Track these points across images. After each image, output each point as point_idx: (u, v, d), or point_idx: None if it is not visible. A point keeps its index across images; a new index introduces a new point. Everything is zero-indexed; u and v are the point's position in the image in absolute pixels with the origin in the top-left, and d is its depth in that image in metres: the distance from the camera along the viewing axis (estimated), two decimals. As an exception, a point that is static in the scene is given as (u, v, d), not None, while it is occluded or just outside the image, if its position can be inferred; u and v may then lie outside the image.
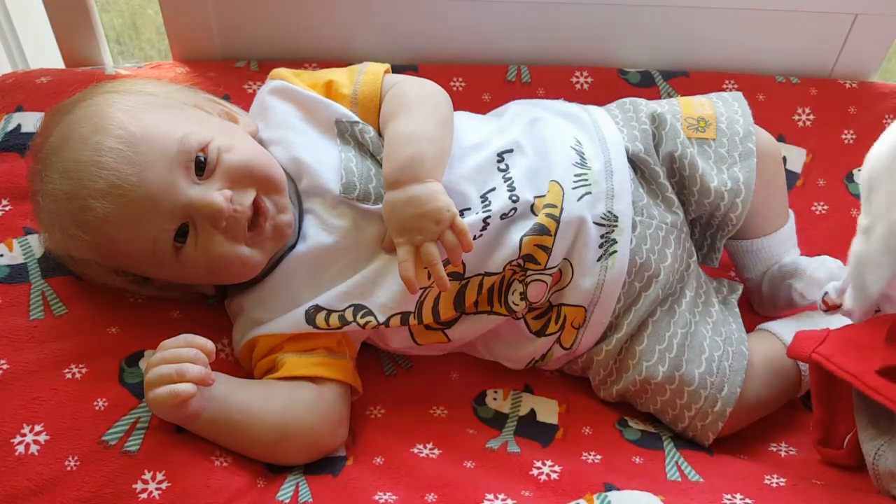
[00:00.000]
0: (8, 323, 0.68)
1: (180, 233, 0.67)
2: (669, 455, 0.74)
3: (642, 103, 0.83)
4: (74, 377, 0.67)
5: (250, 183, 0.69)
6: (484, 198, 0.73)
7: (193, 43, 0.96)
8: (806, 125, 0.98)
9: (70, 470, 0.61)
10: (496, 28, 0.97)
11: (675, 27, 0.98)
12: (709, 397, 0.74)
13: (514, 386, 0.81)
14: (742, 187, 0.77)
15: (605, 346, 0.76)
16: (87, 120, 0.67)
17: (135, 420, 0.65)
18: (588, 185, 0.74)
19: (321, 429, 0.71)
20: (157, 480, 0.62)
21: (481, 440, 0.75)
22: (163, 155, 0.65)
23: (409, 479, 0.69)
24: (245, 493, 0.65)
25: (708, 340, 0.75)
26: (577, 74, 0.98)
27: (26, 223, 0.75)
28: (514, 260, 0.72)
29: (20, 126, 0.82)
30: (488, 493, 0.67)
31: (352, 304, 0.72)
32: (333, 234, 0.72)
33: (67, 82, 0.85)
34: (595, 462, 0.73)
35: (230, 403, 0.66)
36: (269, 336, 0.72)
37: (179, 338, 0.64)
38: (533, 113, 0.81)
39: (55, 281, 0.72)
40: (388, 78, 0.78)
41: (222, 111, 0.76)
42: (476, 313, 0.75)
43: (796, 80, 0.99)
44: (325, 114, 0.76)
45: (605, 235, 0.74)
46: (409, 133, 0.71)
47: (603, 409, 0.79)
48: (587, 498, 0.65)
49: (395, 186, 0.69)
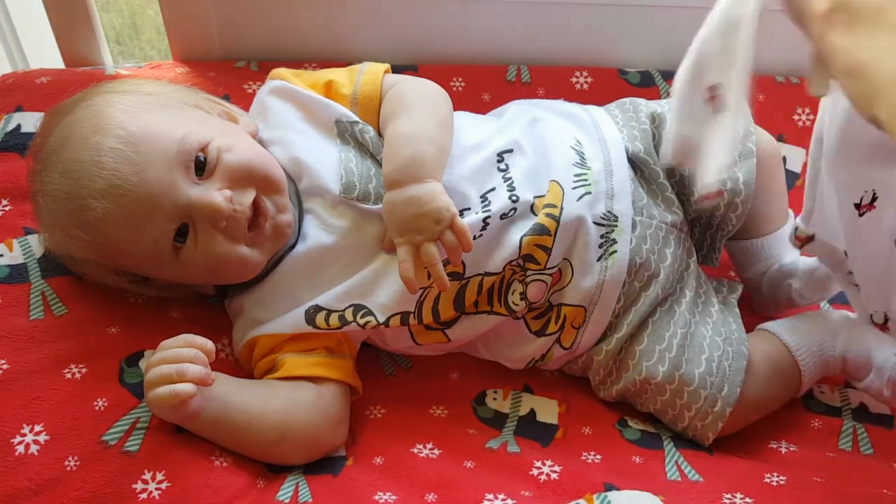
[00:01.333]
0: (8, 323, 0.68)
1: (180, 233, 0.67)
2: (669, 455, 0.74)
3: (642, 103, 0.83)
4: (74, 377, 0.67)
5: (250, 183, 0.69)
6: (484, 198, 0.73)
7: (193, 43, 0.96)
8: (806, 125, 0.98)
9: (70, 470, 0.61)
10: (496, 28, 0.97)
11: (675, 27, 0.98)
12: (709, 397, 0.74)
13: (514, 386, 0.81)
14: (742, 187, 0.77)
15: (605, 346, 0.76)
16: (86, 120, 0.67)
17: (135, 420, 0.65)
18: (588, 185, 0.74)
19: (321, 429, 0.71)
20: (157, 480, 0.62)
21: (481, 440, 0.75)
22: (163, 155, 0.65)
23: (409, 479, 0.69)
24: (245, 493, 0.65)
25: (708, 340, 0.75)
26: (577, 74, 0.98)
27: (26, 223, 0.75)
28: (514, 260, 0.72)
29: (20, 126, 0.82)
30: (488, 493, 0.67)
31: (352, 304, 0.72)
32: (333, 234, 0.72)
33: (67, 82, 0.85)
34: (595, 462, 0.73)
35: (230, 403, 0.66)
36: (269, 336, 0.72)
37: (179, 338, 0.64)
38: (533, 113, 0.81)
39: (55, 281, 0.72)
40: (388, 78, 0.78)
41: (222, 111, 0.76)
42: (476, 313, 0.75)
43: (796, 80, 0.99)
44: (324, 114, 0.76)
45: (605, 235, 0.74)
46: (409, 133, 0.72)
47: (603, 409, 0.79)
48: (587, 498, 0.65)
49: (394, 186, 0.69)
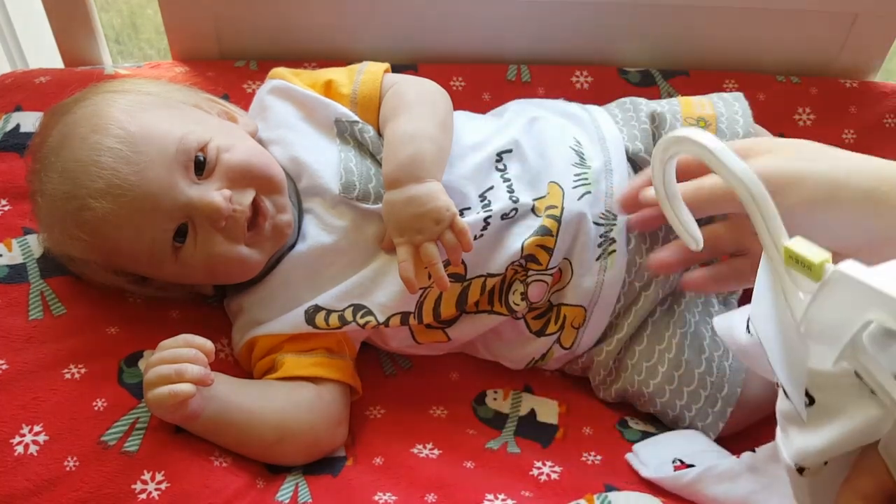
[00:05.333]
0: (7, 323, 0.68)
1: (179, 233, 0.67)
2: (670, 455, 0.74)
3: (642, 103, 0.82)
4: (73, 377, 0.67)
5: (249, 183, 0.69)
6: (483, 197, 0.73)
7: (192, 42, 0.96)
8: (806, 125, 0.98)
9: (69, 470, 0.61)
10: (496, 27, 0.97)
11: (675, 27, 0.98)
12: (709, 397, 0.73)
13: (514, 386, 0.81)
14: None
15: (605, 347, 0.76)
16: (86, 119, 0.67)
17: (134, 420, 0.65)
18: (588, 185, 0.74)
19: (320, 429, 0.70)
20: (157, 481, 0.62)
21: (481, 440, 0.75)
22: (162, 154, 0.65)
23: (409, 479, 0.69)
24: (244, 494, 0.65)
25: (708, 340, 0.75)
26: (577, 74, 0.98)
27: (25, 223, 0.75)
28: (516, 260, 0.72)
29: (19, 126, 0.82)
30: (488, 494, 0.67)
31: (351, 304, 0.71)
32: (333, 233, 0.72)
33: (66, 82, 0.85)
34: (595, 463, 0.73)
35: (229, 403, 0.66)
36: (269, 336, 0.72)
37: (179, 338, 0.64)
38: (532, 112, 0.81)
39: (54, 281, 0.72)
40: (388, 77, 0.78)
41: (221, 111, 0.76)
42: (476, 313, 0.75)
43: (796, 80, 0.99)
44: (324, 113, 0.76)
45: (605, 234, 0.74)
46: (408, 132, 0.71)
47: (603, 410, 0.79)
48: (587, 498, 0.65)
49: (394, 186, 0.69)
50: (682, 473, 0.67)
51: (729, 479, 0.65)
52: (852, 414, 0.35)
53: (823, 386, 0.36)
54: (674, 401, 0.74)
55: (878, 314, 0.34)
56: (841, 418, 0.35)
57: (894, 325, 0.34)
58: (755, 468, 0.65)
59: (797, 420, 0.37)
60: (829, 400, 0.36)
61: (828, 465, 0.36)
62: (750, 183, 0.40)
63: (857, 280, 0.35)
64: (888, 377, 0.34)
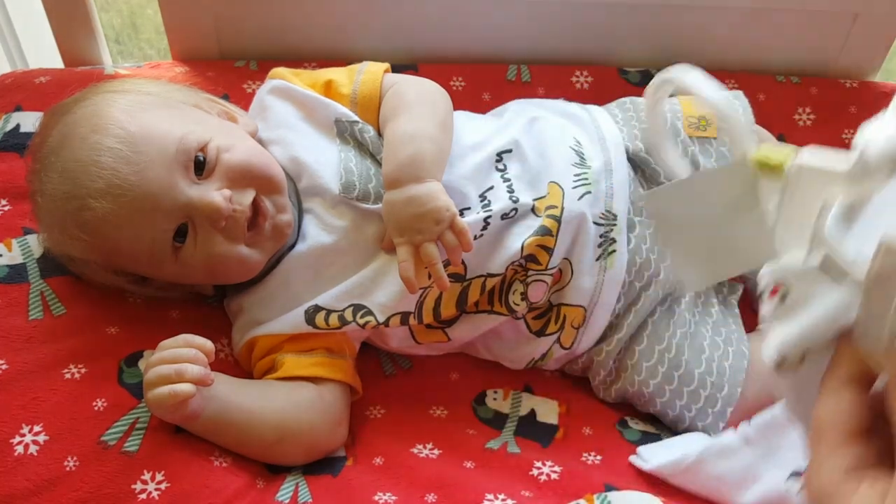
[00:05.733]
0: (7, 323, 0.68)
1: (179, 233, 0.67)
2: (670, 455, 0.74)
3: (642, 103, 0.82)
4: (73, 377, 0.67)
5: (249, 183, 0.69)
6: (482, 197, 0.73)
7: (192, 42, 0.96)
8: (806, 125, 0.98)
9: (69, 470, 0.61)
10: (496, 27, 0.97)
11: (675, 27, 0.98)
12: (709, 397, 0.73)
13: (514, 386, 0.81)
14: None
15: (605, 347, 0.76)
16: (86, 119, 0.67)
17: (134, 420, 0.65)
18: (588, 185, 0.74)
19: (320, 429, 0.70)
20: (157, 481, 0.62)
21: (481, 440, 0.75)
22: (162, 154, 0.65)
23: (409, 479, 0.69)
24: (244, 494, 0.65)
25: (708, 340, 0.75)
26: (577, 74, 0.98)
27: (25, 223, 0.75)
28: (516, 260, 0.72)
29: (19, 126, 0.82)
30: (488, 494, 0.67)
31: (351, 304, 0.71)
32: (333, 233, 0.72)
33: (66, 82, 0.85)
34: (595, 462, 0.73)
35: (229, 403, 0.66)
36: (269, 336, 0.72)
37: (178, 338, 0.64)
38: (532, 112, 0.81)
39: (54, 281, 0.72)
40: (388, 77, 0.78)
41: (221, 111, 0.76)
42: (476, 313, 0.75)
43: (796, 80, 0.99)
44: (324, 113, 0.76)
45: (604, 235, 0.74)
46: (408, 132, 0.71)
47: (603, 410, 0.79)
48: (587, 498, 0.65)
49: (394, 186, 0.69)
50: (683, 457, 0.68)
51: (728, 455, 0.67)
52: (822, 301, 0.37)
53: (797, 283, 0.39)
54: (674, 401, 0.74)
55: (830, 192, 0.37)
56: (812, 306, 0.38)
57: (846, 199, 0.36)
58: (751, 440, 0.68)
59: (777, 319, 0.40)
60: (800, 294, 0.39)
61: (805, 363, 0.38)
62: (723, 106, 0.45)
63: (812, 167, 0.38)
64: (850, 261, 0.36)
